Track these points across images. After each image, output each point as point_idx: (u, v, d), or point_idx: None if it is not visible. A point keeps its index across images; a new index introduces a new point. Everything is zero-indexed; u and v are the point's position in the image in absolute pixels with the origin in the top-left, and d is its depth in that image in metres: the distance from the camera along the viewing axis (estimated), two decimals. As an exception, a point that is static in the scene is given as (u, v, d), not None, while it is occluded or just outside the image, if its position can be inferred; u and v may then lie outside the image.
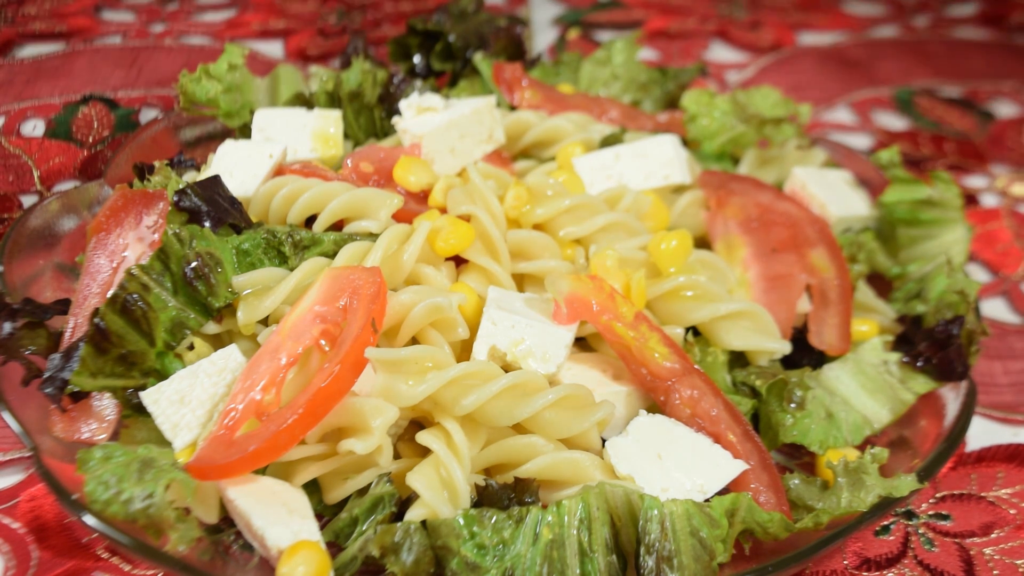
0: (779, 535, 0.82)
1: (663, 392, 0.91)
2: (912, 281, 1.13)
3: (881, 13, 1.86)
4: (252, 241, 0.94)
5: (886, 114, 1.58)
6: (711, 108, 1.23)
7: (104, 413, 0.87)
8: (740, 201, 1.10)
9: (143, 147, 1.19)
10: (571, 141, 1.14)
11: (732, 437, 0.89)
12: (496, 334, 0.90)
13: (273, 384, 0.82)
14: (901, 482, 0.84)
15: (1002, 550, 0.91)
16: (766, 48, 1.73)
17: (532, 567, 0.77)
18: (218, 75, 1.18)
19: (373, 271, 0.87)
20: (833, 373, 1.00)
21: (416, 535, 0.77)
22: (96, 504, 0.76)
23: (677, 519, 0.79)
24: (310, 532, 0.79)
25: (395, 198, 0.98)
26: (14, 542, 0.87)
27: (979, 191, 1.41)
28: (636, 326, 0.92)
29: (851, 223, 1.16)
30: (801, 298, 1.05)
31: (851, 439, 0.96)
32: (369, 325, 0.83)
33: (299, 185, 1.00)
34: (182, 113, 1.20)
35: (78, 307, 0.92)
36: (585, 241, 1.02)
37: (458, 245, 0.95)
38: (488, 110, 1.09)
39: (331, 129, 1.12)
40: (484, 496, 0.82)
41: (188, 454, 0.83)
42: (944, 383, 1.00)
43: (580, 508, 0.79)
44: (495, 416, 0.85)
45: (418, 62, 1.34)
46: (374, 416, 0.81)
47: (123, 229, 0.95)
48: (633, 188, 1.08)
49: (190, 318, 0.90)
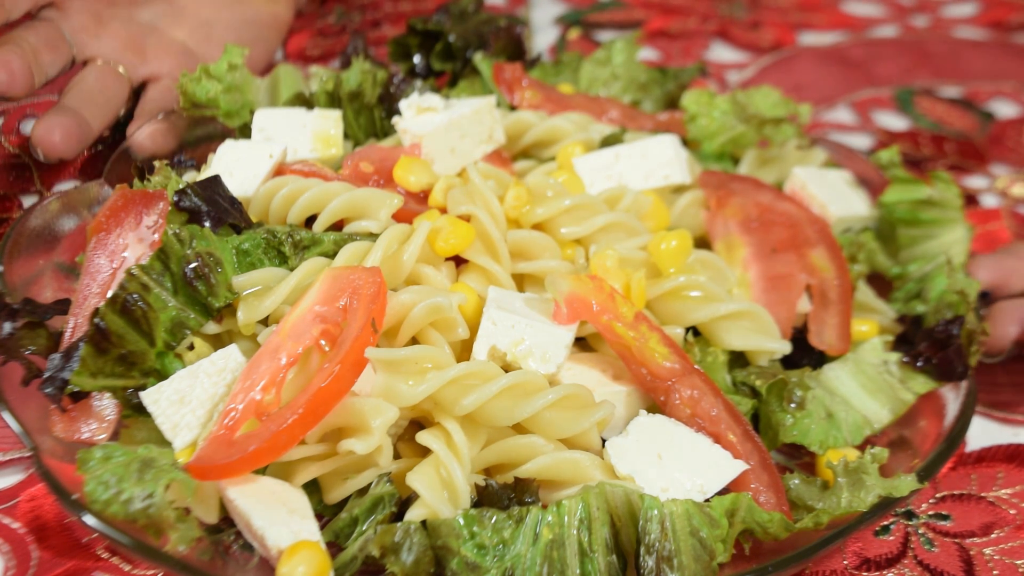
0: (779, 535, 0.82)
1: (663, 392, 0.91)
2: (912, 281, 1.13)
3: (881, 13, 1.86)
4: (252, 241, 0.94)
5: (886, 114, 1.58)
6: (711, 108, 1.23)
7: (104, 413, 0.87)
8: (740, 201, 1.10)
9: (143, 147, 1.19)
10: (571, 141, 1.14)
11: (732, 437, 0.89)
12: (496, 334, 0.90)
13: (273, 384, 0.82)
14: (901, 482, 0.84)
15: (1002, 550, 0.91)
16: (766, 48, 1.73)
17: (532, 567, 0.77)
18: (218, 75, 1.18)
19: (373, 271, 0.87)
20: (833, 373, 1.00)
21: (416, 535, 0.77)
22: (96, 504, 0.76)
23: (677, 519, 0.79)
24: (310, 532, 0.79)
25: (395, 198, 0.98)
26: (14, 542, 0.87)
27: (979, 191, 1.40)
28: (636, 326, 0.92)
29: (851, 223, 1.16)
30: (801, 298, 1.05)
31: (851, 439, 0.96)
32: (369, 325, 0.83)
33: (299, 185, 1.00)
34: (182, 113, 1.20)
35: (78, 307, 0.92)
36: (585, 241, 1.02)
37: (458, 245, 0.95)
38: (488, 110, 1.09)
39: (331, 129, 1.12)
40: (484, 496, 0.82)
41: (188, 454, 0.83)
42: (944, 383, 1.00)
43: (580, 508, 0.79)
44: (495, 416, 0.85)
45: (418, 62, 1.34)
46: (374, 416, 0.81)
47: (123, 229, 0.95)
48: (633, 188, 1.08)
49: (190, 318, 0.90)
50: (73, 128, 1.14)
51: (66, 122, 1.14)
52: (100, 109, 1.19)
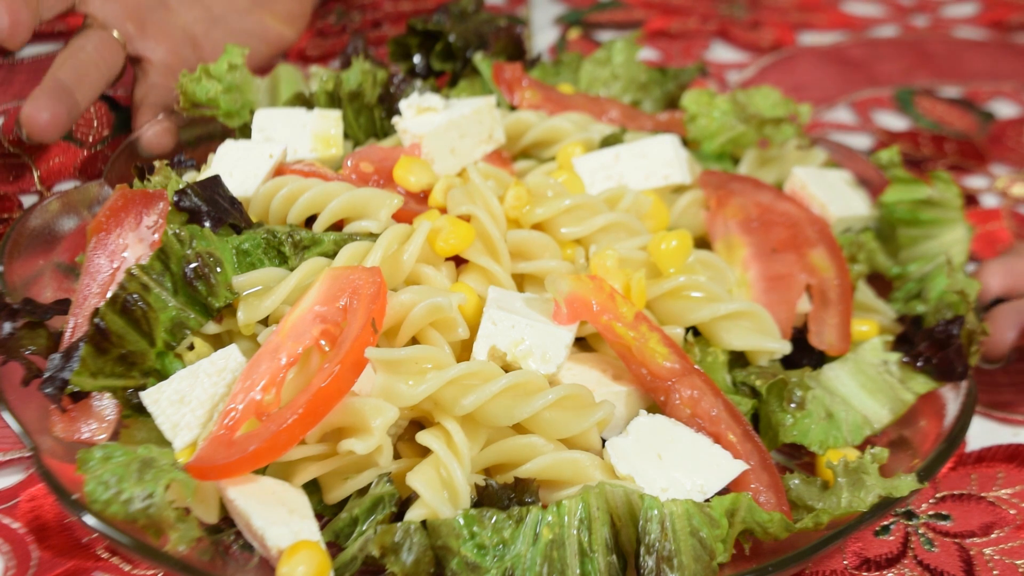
0: (779, 535, 0.82)
1: (663, 392, 0.91)
2: (912, 281, 1.13)
3: (881, 13, 1.86)
4: (252, 241, 0.94)
5: (886, 114, 1.58)
6: (711, 108, 1.23)
7: (104, 413, 0.87)
8: (740, 201, 1.10)
9: (143, 147, 1.19)
10: (571, 141, 1.14)
11: (732, 437, 0.89)
12: (496, 334, 0.90)
13: (273, 384, 0.83)
14: (901, 482, 0.84)
15: (1002, 550, 0.91)
16: (766, 48, 1.73)
17: (532, 567, 0.77)
18: (218, 75, 1.18)
19: (373, 271, 0.87)
20: (833, 373, 1.00)
21: (416, 535, 0.77)
22: (96, 504, 0.76)
23: (677, 519, 0.79)
24: (310, 532, 0.79)
25: (395, 198, 0.98)
26: (14, 542, 0.87)
27: (979, 191, 1.41)
28: (636, 326, 0.92)
29: (851, 223, 1.16)
30: (801, 298, 1.05)
31: (851, 439, 0.96)
32: (369, 325, 0.83)
33: (299, 185, 1.00)
34: (182, 113, 1.20)
35: (78, 307, 0.92)
36: (585, 241, 1.02)
37: (458, 245, 0.95)
38: (488, 110, 1.09)
39: (331, 129, 1.12)
40: (484, 496, 0.82)
41: (188, 454, 0.83)
42: (944, 383, 1.00)
43: (580, 508, 0.79)
44: (495, 416, 0.85)
45: (418, 62, 1.34)
46: (374, 416, 0.81)
47: (123, 229, 0.95)
48: (633, 188, 1.08)
49: (190, 318, 0.90)
50: (62, 114, 1.10)
51: (55, 106, 1.09)
52: (92, 86, 1.15)
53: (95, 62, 1.17)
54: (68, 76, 1.14)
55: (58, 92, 1.12)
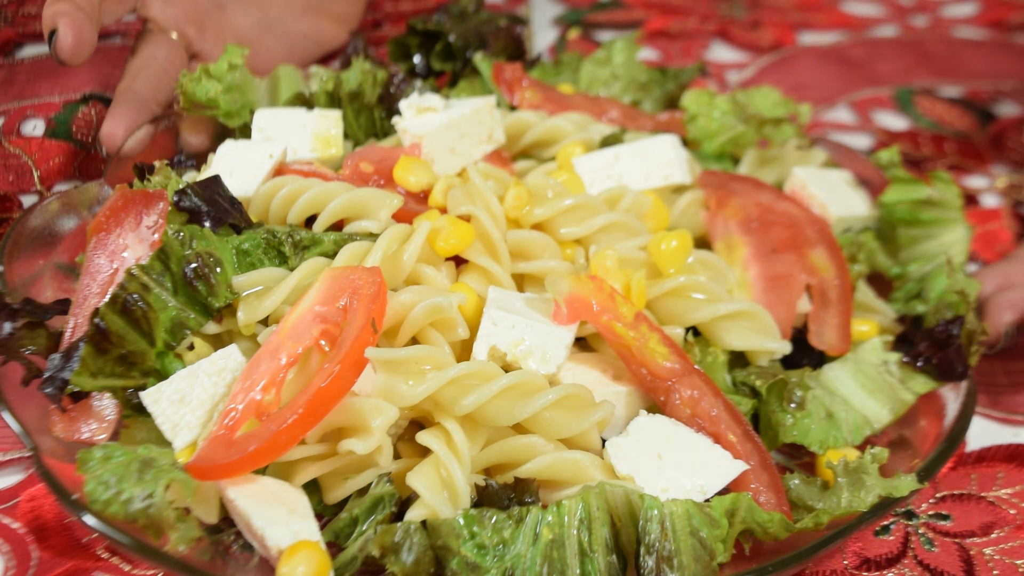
0: (779, 535, 0.82)
1: (663, 392, 0.91)
2: (912, 281, 1.13)
3: (881, 13, 1.86)
4: (252, 241, 0.94)
5: (886, 114, 1.58)
6: (711, 108, 1.23)
7: (104, 413, 0.87)
8: (740, 201, 1.10)
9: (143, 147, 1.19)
10: (571, 141, 1.14)
11: (732, 437, 0.89)
12: (496, 334, 0.90)
13: (273, 384, 0.83)
14: (901, 482, 0.84)
15: (1002, 550, 0.91)
16: (766, 48, 1.73)
17: (532, 567, 0.77)
18: (218, 75, 1.18)
19: (373, 271, 0.87)
20: (833, 373, 1.00)
21: (416, 535, 0.77)
22: (96, 504, 0.76)
23: (677, 519, 0.79)
24: (310, 532, 0.79)
25: (395, 198, 0.98)
26: (14, 542, 0.87)
27: (979, 191, 1.41)
28: (636, 326, 0.92)
29: (851, 223, 1.16)
30: (801, 298, 1.05)
31: (851, 439, 0.96)
32: (369, 325, 0.83)
33: (299, 185, 1.00)
34: (182, 113, 1.20)
35: (78, 307, 0.92)
36: (585, 241, 1.02)
37: (458, 245, 0.95)
38: (488, 110, 1.09)
39: (331, 129, 1.12)
40: (484, 496, 0.82)
41: (188, 454, 0.83)
42: (944, 383, 1.00)
43: (580, 508, 0.79)
44: (495, 416, 0.85)
45: (418, 62, 1.34)
46: (374, 416, 0.81)
47: (123, 229, 0.95)
48: (633, 188, 1.08)
49: (190, 318, 0.90)
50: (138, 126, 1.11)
51: (132, 120, 1.10)
52: (165, 94, 1.15)
53: (167, 71, 1.18)
54: (144, 88, 1.14)
55: (137, 106, 1.12)
